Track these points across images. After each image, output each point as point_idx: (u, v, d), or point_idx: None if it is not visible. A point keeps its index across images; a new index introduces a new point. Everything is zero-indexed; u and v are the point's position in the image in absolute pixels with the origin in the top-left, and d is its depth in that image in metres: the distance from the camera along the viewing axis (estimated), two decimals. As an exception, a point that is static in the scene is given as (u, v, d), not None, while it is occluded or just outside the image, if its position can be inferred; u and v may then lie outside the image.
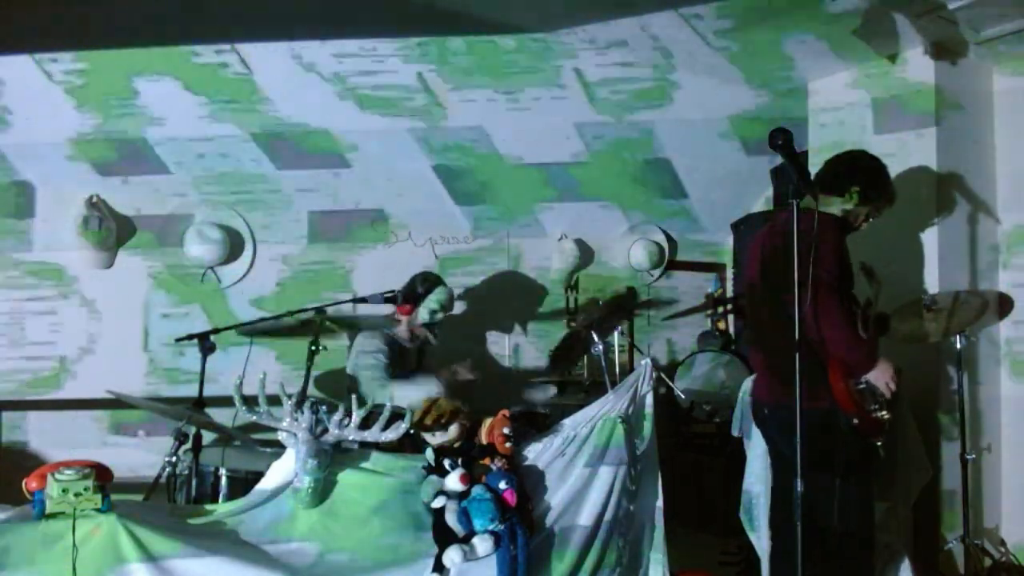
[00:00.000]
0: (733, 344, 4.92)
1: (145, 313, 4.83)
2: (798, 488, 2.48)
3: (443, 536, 2.61)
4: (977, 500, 3.84)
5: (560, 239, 5.24)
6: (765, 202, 5.14)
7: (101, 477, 2.47)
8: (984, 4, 3.46)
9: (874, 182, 3.12)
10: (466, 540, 2.61)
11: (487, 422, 2.88)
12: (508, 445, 2.80)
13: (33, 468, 2.50)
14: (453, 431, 2.84)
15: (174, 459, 3.34)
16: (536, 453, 2.89)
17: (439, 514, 2.64)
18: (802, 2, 3.53)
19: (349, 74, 4.22)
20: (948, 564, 3.71)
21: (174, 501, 3.38)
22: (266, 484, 2.69)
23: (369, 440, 2.70)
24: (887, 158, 3.29)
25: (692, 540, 4.02)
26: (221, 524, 2.60)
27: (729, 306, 5.17)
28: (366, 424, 2.70)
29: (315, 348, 3.86)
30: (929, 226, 3.88)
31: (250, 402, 2.63)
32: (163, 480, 3.43)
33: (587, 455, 2.88)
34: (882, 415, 2.93)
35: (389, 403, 2.73)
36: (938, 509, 3.78)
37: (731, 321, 5.21)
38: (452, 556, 2.57)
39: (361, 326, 4.22)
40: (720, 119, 4.68)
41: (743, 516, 3.34)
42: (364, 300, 4.02)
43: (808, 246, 2.55)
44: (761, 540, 3.21)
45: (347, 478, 2.68)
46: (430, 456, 2.78)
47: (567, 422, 2.98)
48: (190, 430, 3.42)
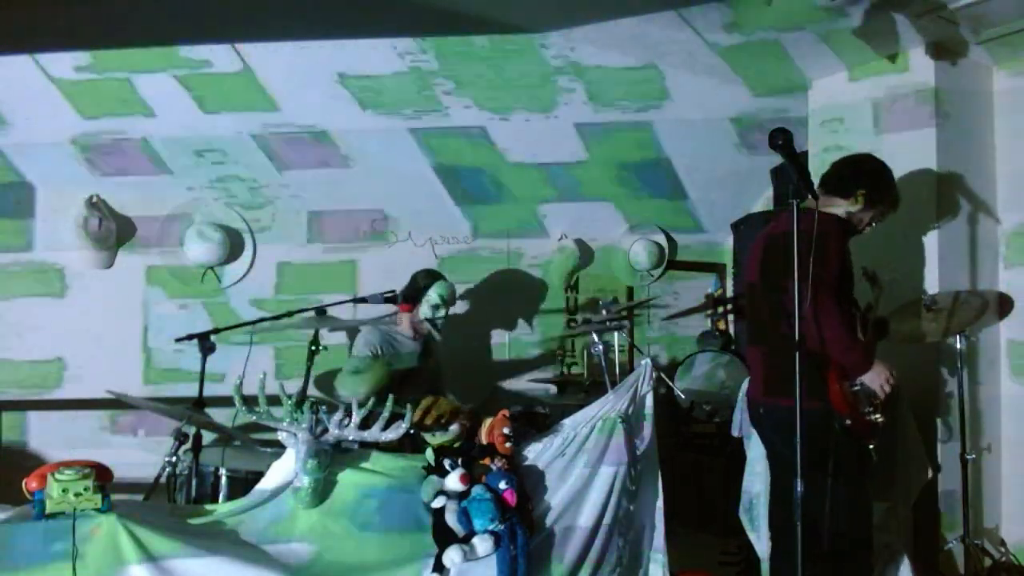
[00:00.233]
0: (733, 344, 4.92)
1: (145, 313, 4.83)
2: (798, 488, 2.48)
3: (443, 536, 2.60)
4: (977, 500, 3.84)
5: (560, 239, 5.24)
6: (765, 202, 5.14)
7: (101, 477, 2.47)
8: (984, 4, 3.46)
9: (879, 186, 3.11)
10: (466, 540, 2.60)
11: (487, 422, 2.88)
12: (508, 445, 2.79)
13: (33, 468, 2.50)
14: (453, 431, 2.84)
15: (174, 459, 3.33)
16: (536, 453, 2.88)
17: (439, 514, 2.64)
18: (801, 3, 3.54)
19: (349, 74, 4.23)
20: (948, 564, 3.71)
21: (174, 501, 3.38)
22: (266, 484, 2.69)
23: (369, 440, 2.70)
24: (887, 158, 3.29)
25: (692, 540, 4.02)
26: (221, 524, 2.60)
27: (729, 306, 5.17)
28: (366, 424, 2.70)
29: (315, 348, 3.86)
30: (929, 226, 3.88)
31: (250, 402, 2.63)
32: (163, 480, 3.43)
33: (587, 455, 2.88)
34: (875, 417, 2.92)
35: (343, 392, 2.71)
36: (938, 509, 3.78)
37: (731, 321, 5.21)
38: (452, 556, 2.57)
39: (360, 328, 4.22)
40: (720, 119, 4.67)
41: (743, 516, 3.35)
42: (364, 300, 4.02)
43: (808, 246, 2.54)
44: (761, 540, 3.21)
45: (347, 478, 2.68)
46: (430, 456, 2.78)
47: (567, 422, 2.98)
48: (190, 430, 3.42)
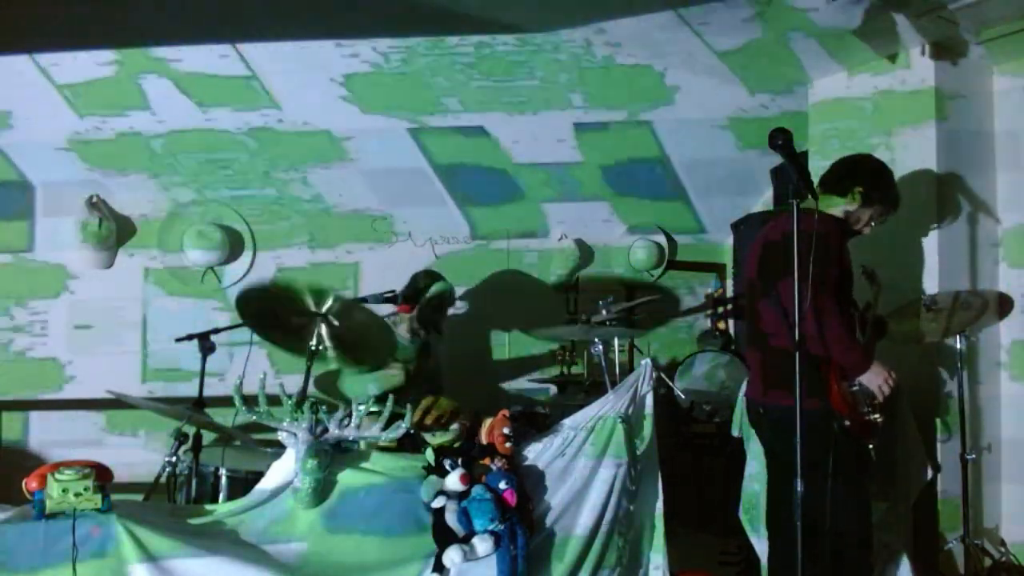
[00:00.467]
0: (733, 344, 4.92)
1: (145, 313, 4.83)
2: (798, 488, 2.48)
3: (443, 536, 2.61)
4: (977, 500, 3.84)
5: (560, 239, 5.24)
6: (765, 202, 5.14)
7: (101, 477, 2.47)
8: (984, 4, 3.46)
9: (877, 183, 3.11)
10: (466, 540, 2.61)
11: (487, 422, 2.88)
12: (508, 445, 2.80)
13: (33, 468, 2.50)
14: (453, 431, 2.84)
15: (174, 459, 3.34)
16: (536, 453, 2.88)
17: (439, 514, 2.64)
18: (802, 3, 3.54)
19: (350, 74, 4.22)
20: (948, 564, 3.71)
21: (174, 501, 3.38)
22: (266, 484, 2.69)
23: (369, 440, 2.70)
24: (887, 158, 3.29)
25: (692, 540, 4.02)
26: (221, 524, 2.60)
27: (729, 306, 5.17)
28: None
29: (315, 348, 3.86)
30: (929, 226, 3.88)
31: (250, 402, 2.63)
32: (163, 480, 3.43)
33: (587, 455, 2.88)
34: (874, 418, 2.91)
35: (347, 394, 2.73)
36: (938, 509, 3.78)
37: (731, 321, 5.21)
38: (452, 556, 2.57)
39: None
40: (720, 119, 4.67)
41: (743, 516, 3.34)
42: (364, 300, 4.02)
43: (808, 246, 2.54)
44: (761, 540, 3.21)
45: (347, 478, 2.68)
46: (430, 456, 2.78)
47: (567, 422, 2.98)
48: (190, 430, 3.42)
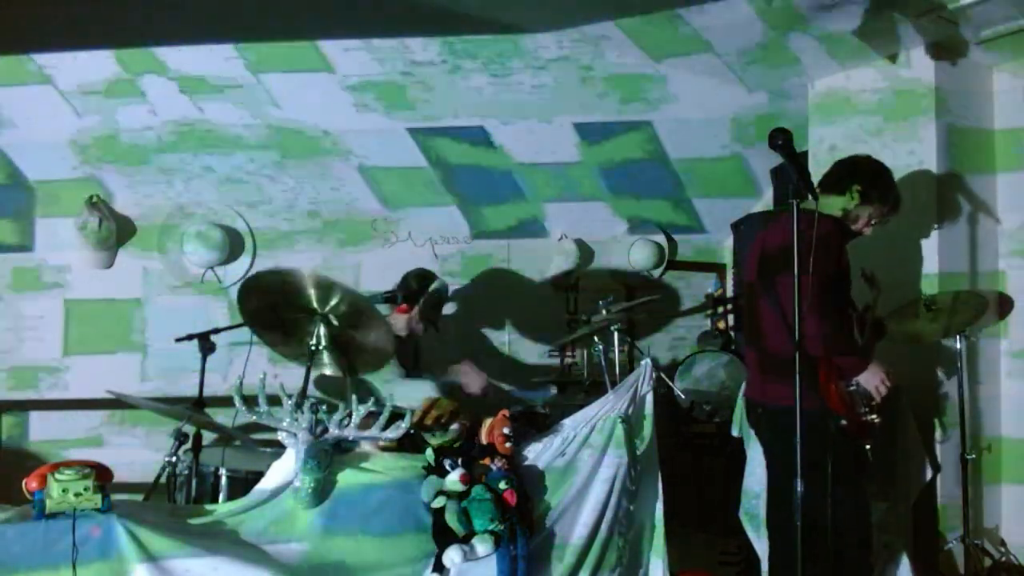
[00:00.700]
0: (733, 344, 4.92)
1: (145, 313, 4.83)
2: (798, 489, 2.48)
3: (443, 536, 2.61)
4: (977, 500, 3.84)
5: (560, 239, 5.24)
6: (765, 202, 5.14)
7: (101, 477, 2.47)
8: (984, 4, 3.46)
9: (875, 182, 3.11)
10: (466, 540, 2.61)
11: (487, 422, 2.88)
12: (508, 445, 2.79)
13: (33, 468, 2.50)
14: (453, 431, 2.84)
15: (174, 459, 3.33)
16: (536, 453, 2.88)
17: (439, 514, 2.63)
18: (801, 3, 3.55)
19: (350, 74, 4.22)
20: (948, 564, 3.71)
21: (174, 501, 3.37)
22: (266, 484, 2.68)
23: (369, 440, 2.70)
24: (887, 158, 3.29)
25: (692, 540, 4.02)
26: (221, 524, 2.60)
27: (729, 306, 5.17)
28: (366, 424, 2.70)
29: (315, 348, 3.85)
30: (929, 226, 3.88)
31: (250, 402, 2.62)
32: (163, 480, 3.43)
33: (587, 455, 2.88)
34: (872, 418, 2.91)
35: (389, 401, 2.73)
36: (938, 509, 3.78)
37: (731, 321, 5.21)
38: (452, 556, 2.57)
39: None
40: (720, 119, 4.67)
41: (743, 516, 3.34)
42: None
43: (807, 246, 2.55)
44: (761, 540, 3.21)
45: (347, 478, 2.68)
46: (430, 456, 2.78)
47: (567, 422, 2.97)
48: (190, 430, 3.42)
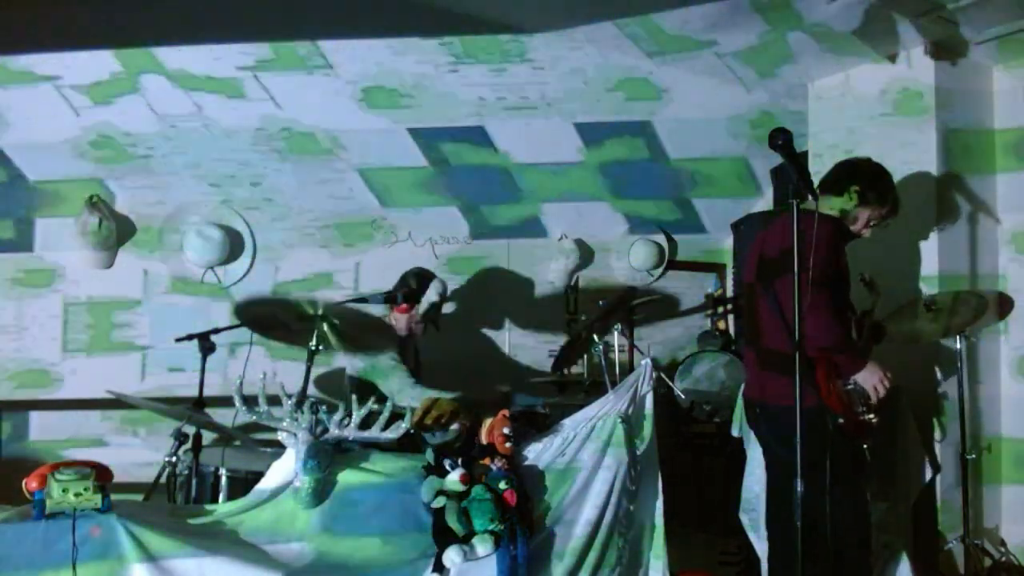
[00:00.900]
0: (733, 344, 4.92)
1: (145, 313, 4.83)
2: (798, 489, 2.48)
3: (443, 536, 2.61)
4: (977, 500, 3.84)
5: (560, 239, 5.24)
6: (765, 202, 5.14)
7: (101, 477, 2.47)
8: (984, 4, 3.46)
9: (873, 183, 3.12)
10: (466, 540, 2.61)
11: (487, 422, 2.88)
12: (508, 445, 2.79)
13: (33, 468, 2.50)
14: (453, 431, 2.84)
15: (174, 459, 3.33)
16: (536, 453, 2.88)
17: (439, 514, 2.63)
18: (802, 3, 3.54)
19: (350, 73, 4.22)
20: (948, 564, 3.71)
21: (174, 501, 3.38)
22: (266, 484, 2.68)
23: (369, 440, 2.70)
24: (887, 158, 3.29)
25: (692, 540, 4.02)
26: (221, 524, 2.60)
27: (729, 306, 5.17)
28: (366, 424, 2.70)
29: (315, 348, 3.85)
30: (929, 226, 3.88)
31: (250, 402, 2.63)
32: (163, 480, 3.43)
33: (587, 455, 2.88)
34: (869, 418, 2.90)
35: (412, 402, 2.72)
36: (938, 509, 3.78)
37: (731, 321, 5.21)
38: (452, 556, 2.57)
39: None
40: (720, 119, 4.67)
41: (743, 517, 3.35)
42: (364, 300, 4.01)
43: (807, 246, 2.55)
44: (761, 540, 3.21)
45: (347, 478, 2.68)
46: (430, 456, 2.78)
47: (567, 422, 2.97)
48: (190, 430, 3.42)
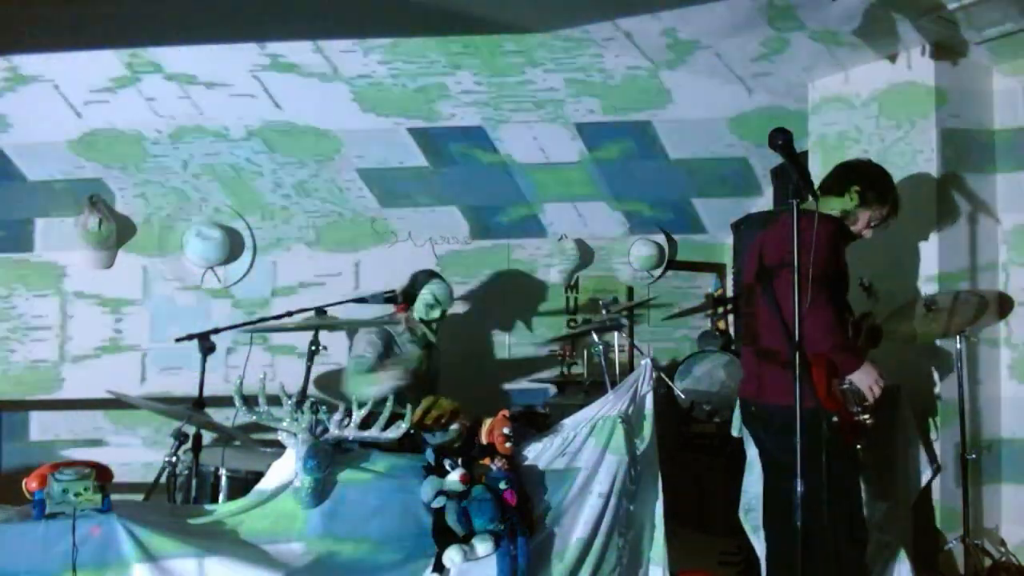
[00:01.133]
0: (733, 344, 4.92)
1: (145, 313, 4.83)
2: (798, 489, 2.48)
3: (443, 536, 2.61)
4: (977, 500, 3.84)
5: (560, 239, 5.24)
6: (765, 202, 5.14)
7: (101, 477, 2.47)
8: (984, 4, 3.46)
9: (873, 184, 3.12)
10: (466, 540, 2.61)
11: (487, 422, 2.88)
12: (508, 445, 2.80)
13: (33, 468, 2.50)
14: (453, 431, 2.84)
15: (174, 459, 3.33)
16: (536, 453, 2.88)
17: (439, 514, 2.64)
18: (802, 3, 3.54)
19: (350, 74, 4.23)
20: (948, 564, 3.71)
21: (174, 501, 3.37)
22: (266, 484, 2.68)
23: (369, 440, 2.70)
24: (887, 158, 3.29)
25: (692, 540, 4.02)
26: (221, 524, 2.60)
27: (729, 306, 5.17)
28: (366, 424, 2.70)
29: (315, 348, 3.86)
30: (929, 226, 3.88)
31: (250, 402, 2.63)
32: (163, 480, 3.43)
33: (587, 455, 2.88)
34: (864, 418, 2.90)
35: (354, 396, 2.72)
36: (938, 509, 3.78)
37: (731, 321, 5.21)
38: (452, 556, 2.57)
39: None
40: (720, 119, 4.67)
41: (743, 516, 3.35)
42: (364, 300, 4.01)
43: (807, 246, 2.55)
44: (761, 540, 3.21)
45: (347, 478, 2.68)
46: (430, 456, 2.78)
47: (567, 422, 2.98)
48: (190, 430, 3.42)
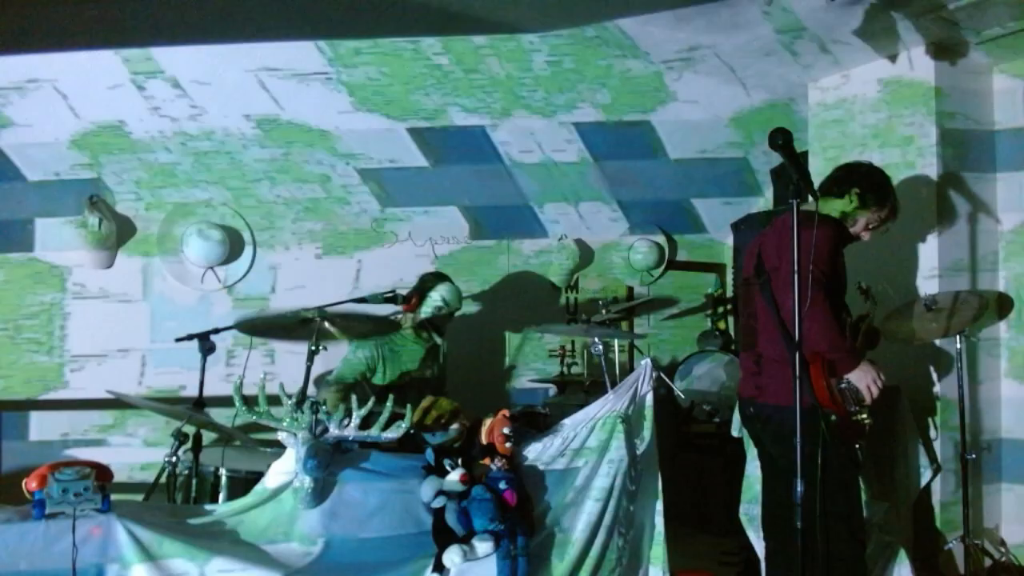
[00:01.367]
0: (733, 344, 4.92)
1: (145, 313, 4.83)
2: (798, 489, 2.48)
3: (443, 536, 2.61)
4: (977, 500, 3.84)
5: (560, 239, 5.24)
6: (765, 202, 5.14)
7: (101, 477, 2.47)
8: (984, 4, 3.46)
9: (873, 187, 3.12)
10: (466, 540, 2.61)
11: (487, 422, 2.88)
12: (508, 445, 2.80)
13: (33, 468, 2.50)
14: (453, 431, 2.84)
15: (174, 459, 3.33)
16: (536, 453, 2.88)
17: (439, 514, 2.64)
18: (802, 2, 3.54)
19: (350, 74, 4.23)
20: (948, 564, 3.71)
21: (174, 501, 3.37)
22: (266, 484, 2.68)
23: (369, 440, 2.70)
24: (887, 158, 3.29)
25: (692, 540, 4.02)
26: (221, 524, 2.60)
27: (729, 306, 5.17)
28: (366, 424, 2.70)
29: (315, 348, 3.85)
30: (929, 226, 3.88)
31: (250, 402, 2.63)
32: (163, 480, 3.43)
33: (587, 455, 2.88)
34: (862, 418, 2.89)
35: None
36: (937, 509, 3.78)
37: (731, 321, 5.21)
38: (452, 556, 2.57)
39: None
40: (720, 119, 4.67)
41: (743, 516, 3.35)
42: (364, 300, 4.01)
43: (806, 247, 2.55)
44: (761, 540, 3.21)
45: (347, 478, 2.68)
46: (430, 456, 2.78)
47: (567, 422, 2.98)
48: (190, 430, 3.42)
